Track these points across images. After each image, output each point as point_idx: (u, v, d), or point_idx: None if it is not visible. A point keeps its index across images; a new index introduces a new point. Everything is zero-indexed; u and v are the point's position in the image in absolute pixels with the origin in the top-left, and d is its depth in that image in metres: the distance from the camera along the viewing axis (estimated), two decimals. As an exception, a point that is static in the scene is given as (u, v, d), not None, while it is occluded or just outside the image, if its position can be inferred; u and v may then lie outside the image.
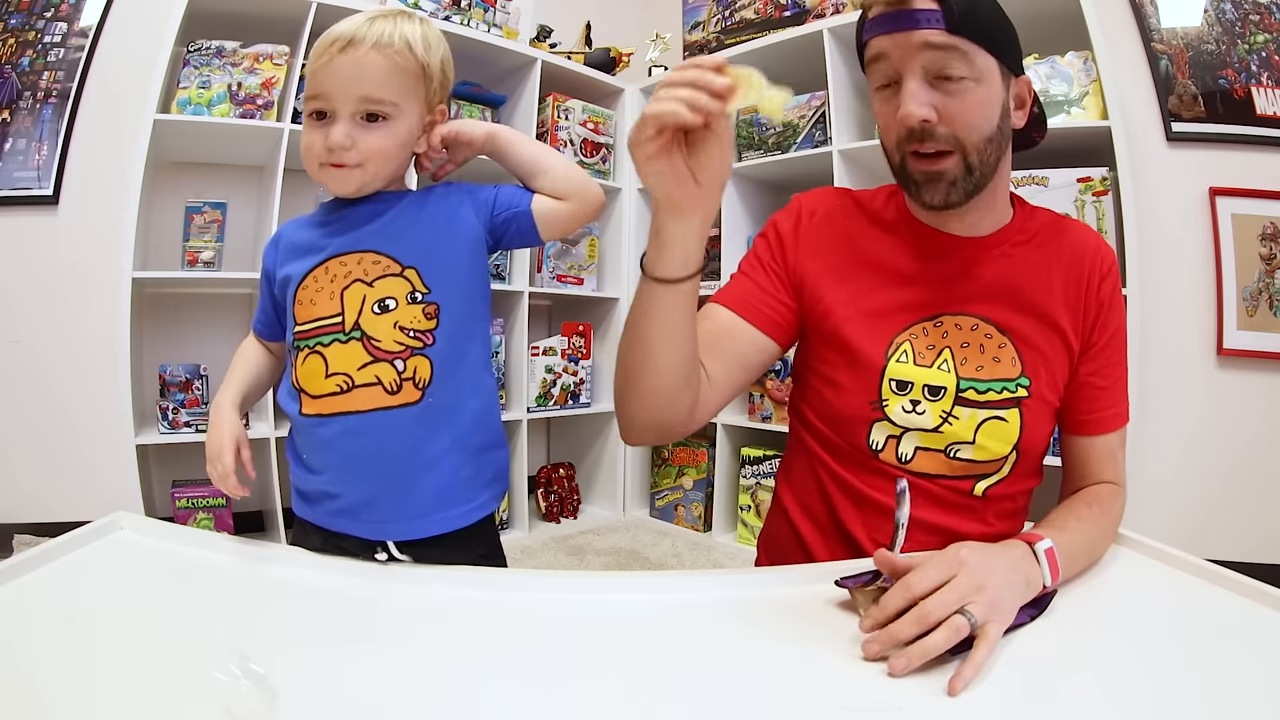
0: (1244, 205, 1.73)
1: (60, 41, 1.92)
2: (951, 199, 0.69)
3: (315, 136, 0.70)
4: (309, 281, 0.72)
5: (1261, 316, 1.73)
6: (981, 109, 0.67)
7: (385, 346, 0.70)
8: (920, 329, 0.73)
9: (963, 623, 0.47)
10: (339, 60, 0.67)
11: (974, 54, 0.65)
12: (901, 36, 0.66)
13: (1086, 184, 1.66)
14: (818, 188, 0.85)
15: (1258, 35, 1.74)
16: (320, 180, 0.72)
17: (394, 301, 0.71)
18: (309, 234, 0.76)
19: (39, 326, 1.91)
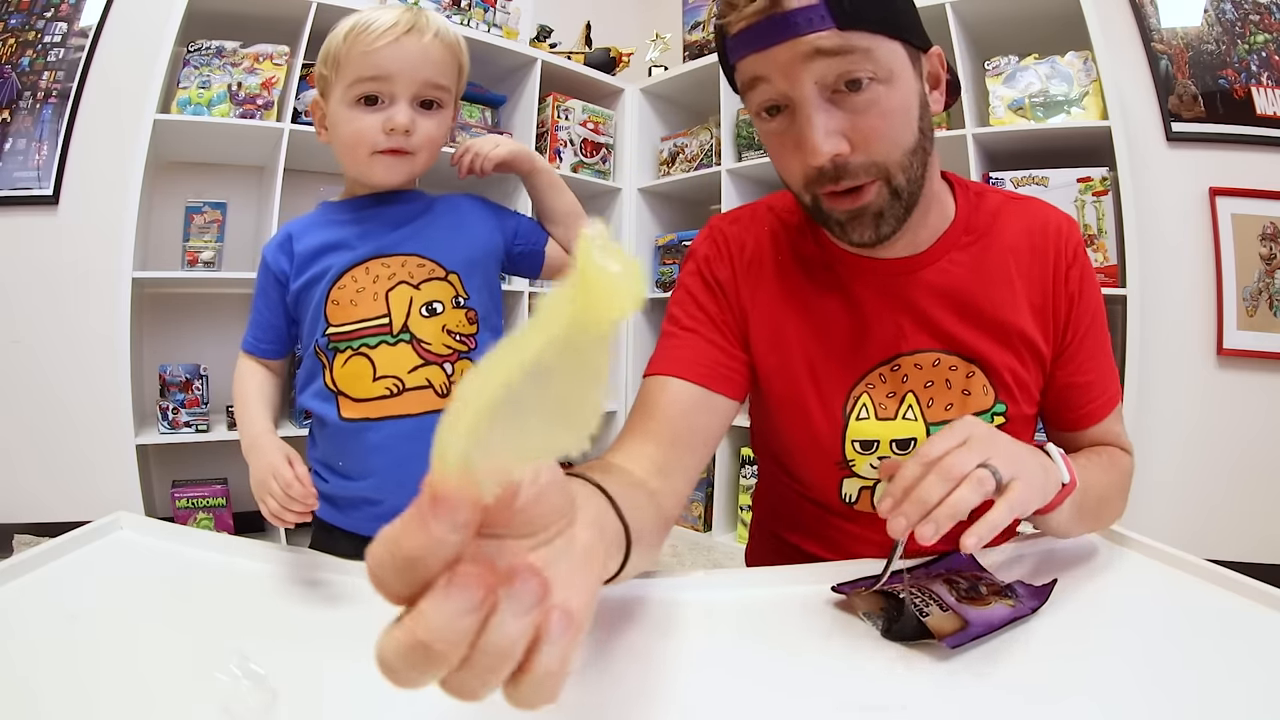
0: (1244, 205, 1.74)
1: (60, 41, 1.92)
2: (883, 232, 0.58)
3: (369, 120, 0.67)
4: (346, 281, 0.70)
5: (1261, 316, 1.73)
6: (899, 116, 0.54)
7: (435, 350, 0.70)
8: (877, 376, 0.65)
9: (986, 475, 0.44)
10: (405, 43, 0.67)
11: (877, 47, 0.52)
12: (780, 50, 0.51)
13: (1086, 184, 1.66)
14: (734, 210, 0.73)
15: (1258, 35, 1.74)
16: (364, 170, 0.70)
17: (441, 305, 0.71)
18: (333, 233, 0.73)
19: (39, 326, 1.91)
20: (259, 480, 0.63)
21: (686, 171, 2.47)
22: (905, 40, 0.54)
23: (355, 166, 0.71)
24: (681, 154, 2.52)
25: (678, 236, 2.49)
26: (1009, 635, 0.50)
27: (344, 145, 0.70)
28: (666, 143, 2.58)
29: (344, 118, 0.68)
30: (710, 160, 2.41)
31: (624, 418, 0.70)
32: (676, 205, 2.70)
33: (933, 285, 0.64)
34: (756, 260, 0.68)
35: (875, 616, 0.51)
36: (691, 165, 2.48)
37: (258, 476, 0.63)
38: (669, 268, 2.50)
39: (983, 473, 0.44)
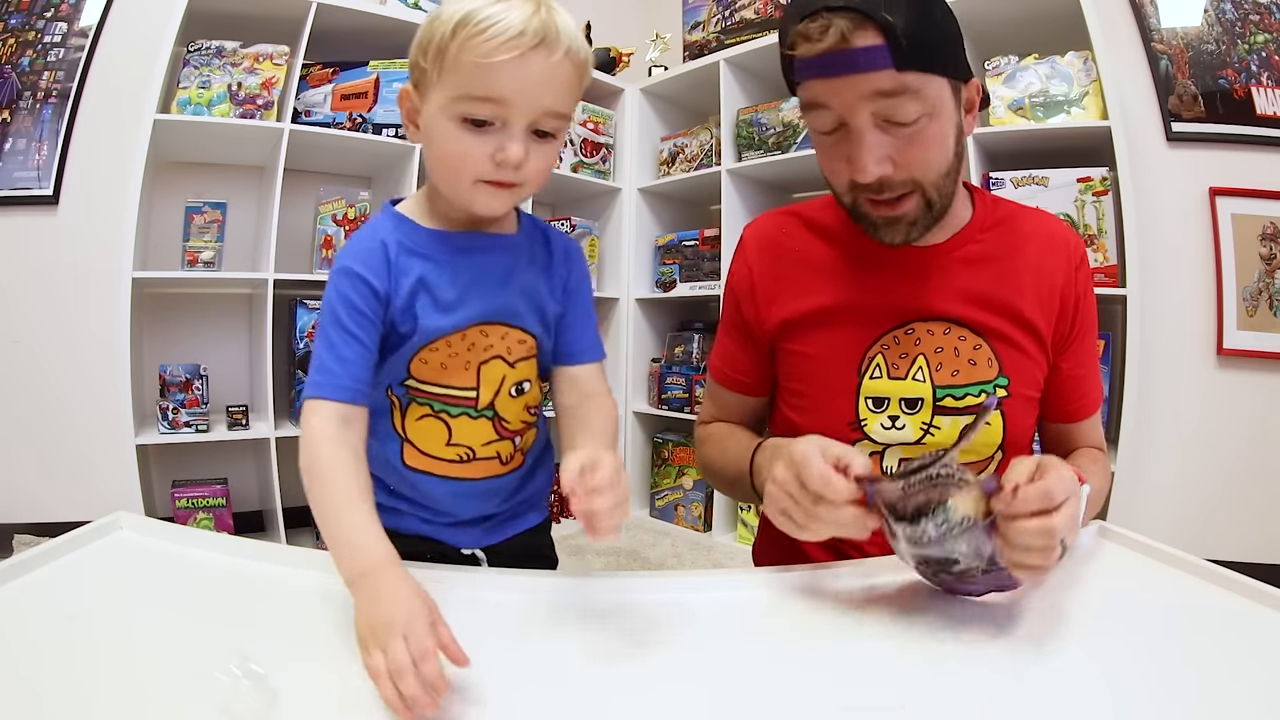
0: (1244, 205, 1.73)
1: (60, 41, 1.92)
2: (912, 237, 0.67)
3: (476, 146, 0.56)
4: (440, 345, 0.62)
5: (1262, 316, 1.73)
6: (938, 144, 0.61)
7: (513, 426, 0.67)
8: (891, 339, 0.71)
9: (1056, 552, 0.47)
10: (531, 61, 0.54)
11: (927, 86, 0.58)
12: (844, 83, 0.58)
13: (1086, 184, 1.66)
14: (762, 217, 0.82)
15: (1258, 35, 1.74)
16: (463, 198, 0.60)
17: (529, 384, 0.67)
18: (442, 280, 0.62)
19: (39, 326, 1.91)
20: (380, 638, 0.42)
21: (686, 171, 2.47)
22: (951, 76, 0.61)
23: (452, 190, 0.60)
24: (681, 154, 2.52)
25: (678, 236, 2.50)
26: (1009, 635, 0.50)
27: (441, 165, 0.59)
28: (666, 143, 2.58)
29: (445, 134, 0.57)
30: (710, 160, 2.41)
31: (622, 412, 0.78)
32: (676, 205, 2.70)
33: (948, 269, 0.71)
34: (776, 255, 0.77)
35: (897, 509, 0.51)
36: (691, 165, 2.48)
37: (380, 627, 0.42)
38: (669, 268, 2.50)
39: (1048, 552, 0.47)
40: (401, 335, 0.61)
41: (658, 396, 2.46)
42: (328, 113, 1.97)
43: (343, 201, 2.01)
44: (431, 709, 0.39)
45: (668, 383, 2.43)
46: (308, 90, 1.95)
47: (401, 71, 2.00)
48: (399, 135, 2.00)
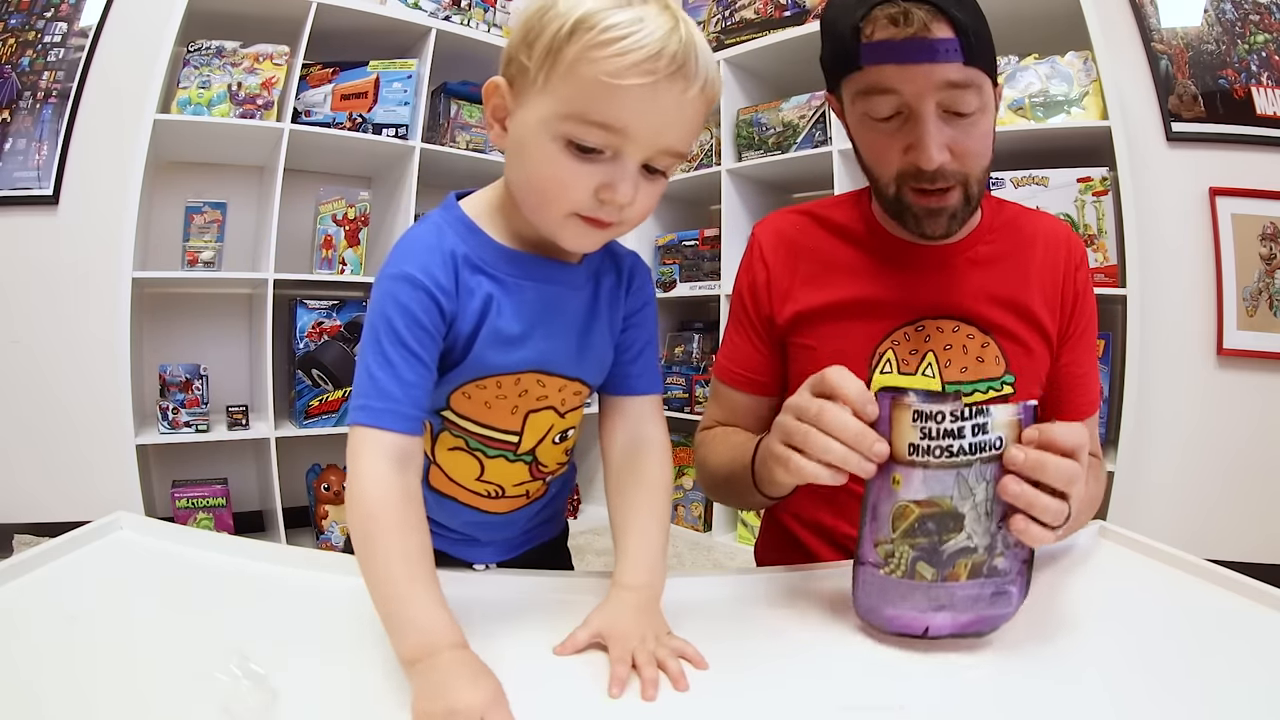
0: (1244, 205, 1.73)
1: (60, 41, 1.92)
2: (951, 230, 0.68)
3: (582, 177, 0.47)
4: (489, 383, 0.55)
5: (1261, 316, 1.73)
6: (986, 139, 0.65)
7: (549, 469, 0.63)
8: (902, 334, 0.72)
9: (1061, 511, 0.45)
10: (663, 92, 0.45)
11: (983, 83, 0.62)
12: (918, 71, 0.59)
13: (1086, 184, 1.66)
14: (773, 215, 0.82)
15: (1258, 35, 1.74)
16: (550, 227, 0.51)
17: (573, 431, 0.62)
18: (512, 308, 0.54)
19: (39, 326, 1.91)
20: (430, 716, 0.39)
21: (686, 171, 2.47)
22: (993, 77, 0.65)
23: (538, 216, 0.51)
24: (681, 154, 2.52)
25: (678, 236, 2.50)
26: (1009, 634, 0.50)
27: (532, 188, 0.50)
28: (666, 143, 2.58)
29: (544, 155, 0.47)
30: (710, 160, 2.41)
31: None
32: (676, 205, 2.70)
33: (961, 267, 0.73)
34: (790, 252, 0.77)
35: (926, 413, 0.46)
36: (691, 165, 2.48)
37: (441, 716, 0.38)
38: (669, 267, 2.50)
39: (1061, 508, 0.45)
40: (453, 362, 0.53)
41: (658, 396, 2.46)
42: (328, 113, 1.97)
43: (343, 201, 2.01)
44: None
45: (668, 383, 2.43)
46: (308, 90, 1.95)
47: (401, 71, 2.00)
48: (399, 135, 2.00)
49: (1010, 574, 0.47)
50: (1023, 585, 0.48)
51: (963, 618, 0.48)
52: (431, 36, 2.02)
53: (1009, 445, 0.45)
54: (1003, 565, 0.47)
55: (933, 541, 0.47)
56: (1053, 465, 0.44)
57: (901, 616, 0.48)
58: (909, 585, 0.48)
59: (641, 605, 0.51)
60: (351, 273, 2.00)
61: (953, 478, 0.46)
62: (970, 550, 0.47)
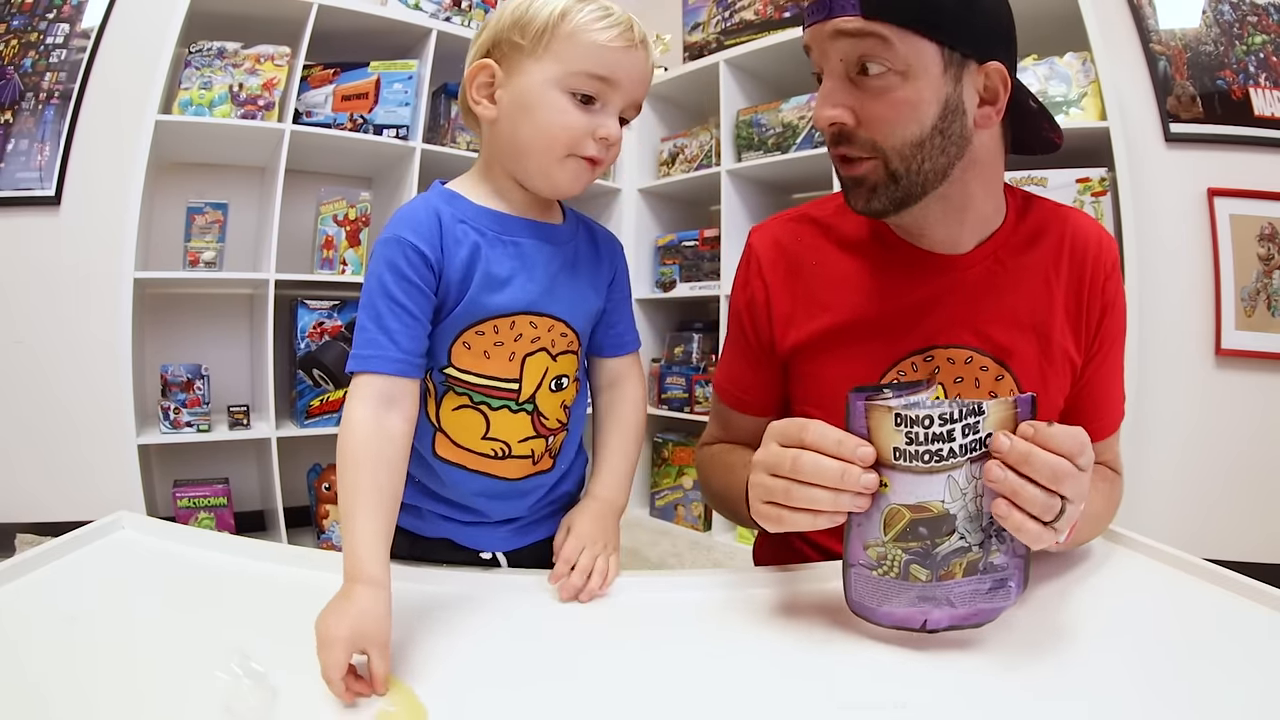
0: (1242, 206, 1.74)
1: (62, 43, 1.92)
2: (874, 206, 0.62)
3: (583, 120, 0.59)
4: (486, 328, 0.61)
5: (1259, 317, 1.73)
6: (907, 108, 0.57)
7: (549, 424, 0.66)
8: (909, 364, 0.67)
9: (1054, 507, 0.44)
10: (638, 52, 0.60)
11: (899, 41, 0.55)
12: (816, 28, 0.59)
13: (1085, 184, 1.66)
14: (770, 222, 0.77)
15: (1256, 36, 1.74)
16: (548, 170, 0.61)
17: (566, 380, 0.67)
18: (500, 257, 0.62)
19: (41, 327, 1.91)
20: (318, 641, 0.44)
21: (686, 172, 2.47)
22: (941, 43, 0.56)
23: (541, 161, 0.61)
24: (681, 154, 2.53)
25: (678, 237, 2.50)
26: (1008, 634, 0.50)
27: (539, 134, 0.59)
28: (666, 143, 2.58)
29: (553, 104, 0.59)
30: (710, 161, 2.41)
31: None
32: (676, 206, 2.70)
33: (974, 286, 0.67)
34: (790, 267, 0.72)
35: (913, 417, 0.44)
36: (691, 166, 2.48)
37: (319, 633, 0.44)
38: (669, 268, 2.50)
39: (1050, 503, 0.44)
40: (448, 310, 0.60)
41: (658, 396, 2.46)
42: (329, 113, 1.97)
43: (344, 202, 2.01)
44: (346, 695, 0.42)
45: (668, 383, 2.43)
46: (309, 91, 1.96)
47: (401, 72, 2.00)
48: (400, 136, 2.01)
49: (1008, 568, 0.47)
50: (1021, 577, 0.48)
51: (961, 611, 0.47)
52: (432, 37, 2.02)
53: (997, 435, 0.44)
54: (1000, 560, 0.47)
55: (925, 546, 0.46)
56: (1040, 460, 0.43)
57: (897, 613, 0.48)
58: (903, 585, 0.47)
59: (601, 512, 0.64)
60: (352, 273, 2.00)
61: (943, 482, 0.45)
62: (965, 550, 0.46)
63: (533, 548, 0.70)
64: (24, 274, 1.89)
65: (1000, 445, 0.44)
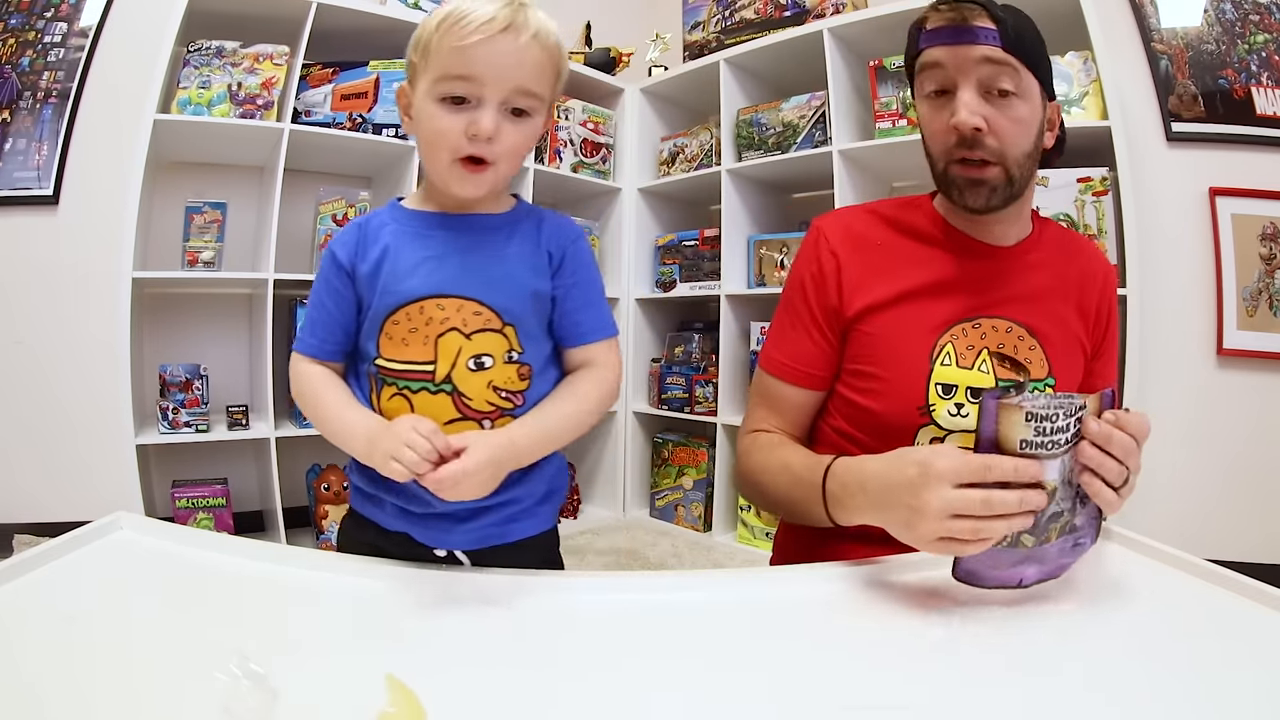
0: (1244, 205, 1.74)
1: (60, 41, 1.92)
2: (992, 203, 0.74)
3: (453, 122, 0.62)
4: (400, 317, 0.66)
5: (1261, 316, 1.73)
6: (1025, 125, 0.73)
7: (476, 405, 0.66)
8: (960, 330, 0.77)
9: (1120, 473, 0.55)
10: (500, 41, 0.61)
11: (1022, 73, 0.71)
12: (961, 50, 0.71)
13: (1086, 184, 1.66)
14: (835, 211, 0.88)
15: (1257, 35, 1.74)
16: (443, 177, 0.65)
17: (490, 359, 0.66)
18: (408, 250, 0.67)
19: (39, 326, 1.91)
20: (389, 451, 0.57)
21: (686, 171, 2.47)
22: (1040, 82, 0.74)
23: (434, 169, 0.67)
24: (681, 154, 2.53)
25: (678, 236, 2.50)
26: (1009, 634, 0.50)
27: (425, 144, 0.65)
28: (666, 143, 2.58)
29: (427, 113, 0.63)
30: (710, 160, 2.41)
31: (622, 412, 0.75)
32: (676, 205, 2.70)
33: (1014, 272, 0.79)
34: (858, 246, 0.81)
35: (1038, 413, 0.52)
36: (691, 165, 2.48)
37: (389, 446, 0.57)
38: (669, 268, 2.50)
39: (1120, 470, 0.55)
40: (369, 304, 0.67)
41: (658, 396, 2.46)
42: (328, 113, 1.97)
43: (343, 201, 2.01)
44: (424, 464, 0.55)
45: (668, 383, 2.43)
46: (308, 90, 1.95)
47: (401, 71, 2.00)
48: (399, 135, 2.00)
49: (1085, 527, 0.57)
50: (1094, 534, 0.58)
51: (1049, 567, 0.56)
52: (431, 36, 2.02)
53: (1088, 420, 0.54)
54: (1080, 521, 0.56)
55: (1037, 517, 0.53)
56: (1117, 438, 0.54)
57: (1002, 575, 0.56)
58: (1012, 553, 0.54)
59: (498, 441, 0.62)
60: (351, 273, 2.00)
61: (1058, 464, 0.53)
62: (1059, 515, 0.54)
63: (498, 552, 0.69)
64: (22, 274, 1.89)
65: (1091, 429, 0.54)
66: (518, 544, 0.70)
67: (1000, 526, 0.52)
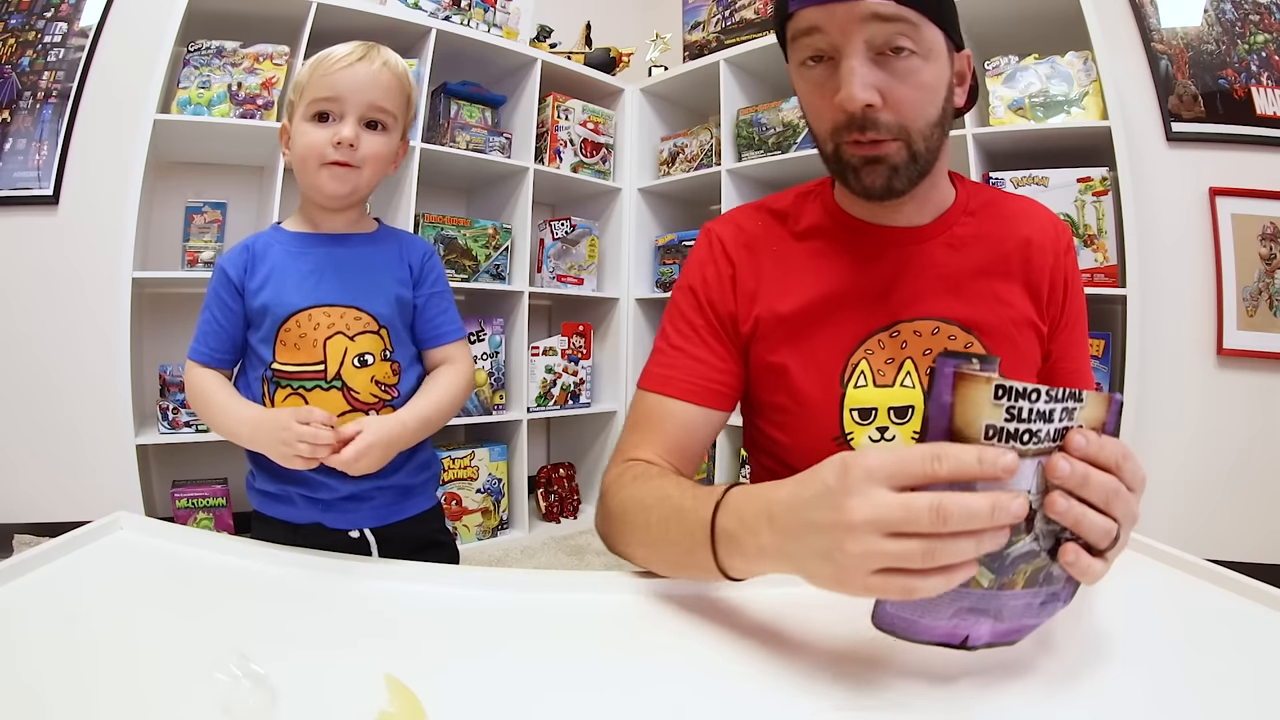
0: (1244, 205, 1.73)
1: (60, 41, 1.92)
2: (895, 186, 0.61)
3: (320, 134, 0.75)
4: (291, 325, 0.76)
5: (1262, 316, 1.73)
6: (929, 90, 0.60)
7: (363, 398, 0.78)
8: (876, 343, 0.66)
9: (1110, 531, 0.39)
10: (357, 68, 0.76)
11: (923, 26, 0.57)
12: (842, 7, 0.56)
13: (1086, 184, 1.66)
14: (727, 213, 0.78)
15: (1257, 35, 1.74)
16: (315, 182, 0.77)
17: (371, 357, 0.78)
18: (285, 267, 0.78)
19: (39, 326, 1.91)
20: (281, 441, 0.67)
21: (686, 171, 2.47)
22: (946, 32, 0.60)
23: (306, 177, 0.77)
24: (681, 154, 2.52)
25: (678, 236, 2.50)
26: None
27: (299, 158, 0.77)
28: (666, 143, 2.58)
29: (300, 132, 0.76)
30: (710, 160, 2.41)
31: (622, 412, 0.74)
32: (676, 205, 2.70)
33: (933, 256, 0.68)
34: (750, 249, 0.72)
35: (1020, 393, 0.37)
36: (691, 165, 2.48)
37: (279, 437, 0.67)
38: (669, 268, 2.50)
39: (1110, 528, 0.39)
40: (261, 315, 0.77)
41: (658, 396, 2.46)
42: (328, 113, 1.97)
43: (343, 201, 2.01)
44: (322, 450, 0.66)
45: (668, 383, 2.43)
46: (308, 90, 1.95)
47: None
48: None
49: (1061, 579, 0.41)
50: (1071, 589, 0.43)
51: (1004, 626, 0.42)
52: (431, 36, 2.02)
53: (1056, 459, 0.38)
54: (1058, 571, 0.41)
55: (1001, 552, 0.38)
56: (1097, 481, 0.38)
57: (940, 627, 0.41)
58: (959, 596, 0.39)
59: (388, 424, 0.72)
60: (351, 273, 2.01)
61: (1033, 468, 0.37)
62: (1034, 555, 0.39)
63: (400, 528, 0.83)
64: (22, 274, 1.89)
65: (1060, 470, 0.38)
66: (413, 519, 0.84)
67: (963, 548, 0.36)
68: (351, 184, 0.77)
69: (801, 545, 0.41)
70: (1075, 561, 0.39)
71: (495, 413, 2.23)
